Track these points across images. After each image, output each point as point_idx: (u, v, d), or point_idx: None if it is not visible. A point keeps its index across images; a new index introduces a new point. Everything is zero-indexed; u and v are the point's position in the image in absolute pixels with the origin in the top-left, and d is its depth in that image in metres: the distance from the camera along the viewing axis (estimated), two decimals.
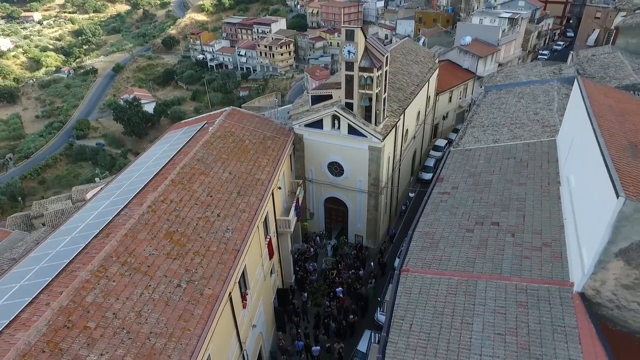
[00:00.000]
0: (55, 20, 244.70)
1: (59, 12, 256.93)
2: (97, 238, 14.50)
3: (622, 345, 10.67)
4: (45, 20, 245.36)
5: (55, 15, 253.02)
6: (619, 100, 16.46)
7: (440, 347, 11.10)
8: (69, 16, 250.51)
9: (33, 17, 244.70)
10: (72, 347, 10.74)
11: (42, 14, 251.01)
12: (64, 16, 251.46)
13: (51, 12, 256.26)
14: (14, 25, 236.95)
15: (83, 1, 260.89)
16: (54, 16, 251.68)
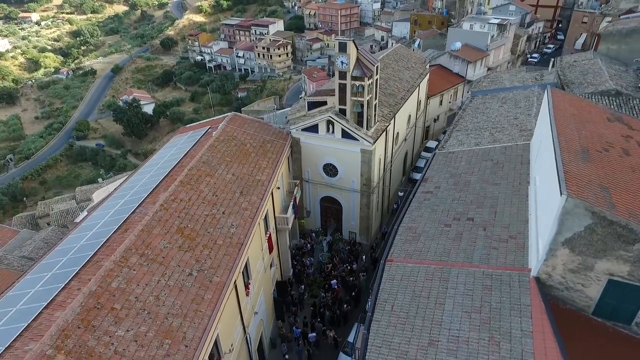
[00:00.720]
0: (53, 21, 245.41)
1: (57, 12, 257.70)
2: (117, 233, 16.39)
3: (568, 320, 12.65)
4: (43, 21, 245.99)
5: (53, 16, 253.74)
6: (582, 109, 18.42)
7: (417, 324, 13.05)
8: (66, 17, 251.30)
9: (31, 18, 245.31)
10: (102, 324, 12.65)
11: (40, 15, 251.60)
12: (62, 17, 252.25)
13: (49, 12, 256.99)
14: (12, 26, 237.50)
15: (81, 2, 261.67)
16: (52, 17, 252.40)
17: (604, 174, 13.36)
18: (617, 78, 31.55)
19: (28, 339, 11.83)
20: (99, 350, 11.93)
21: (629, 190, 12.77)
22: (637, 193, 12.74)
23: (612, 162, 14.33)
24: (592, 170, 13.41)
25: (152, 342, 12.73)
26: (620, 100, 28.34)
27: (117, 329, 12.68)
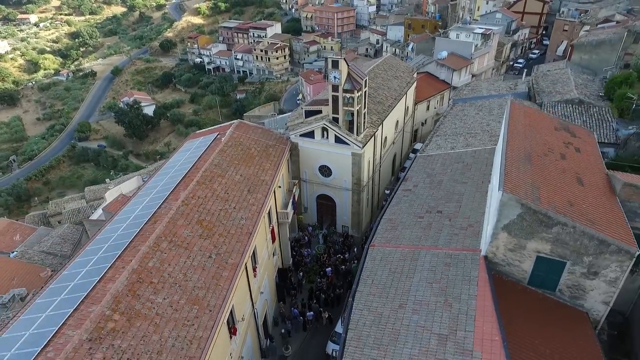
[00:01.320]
0: (51, 23, 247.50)
1: (55, 14, 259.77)
2: (148, 224, 19.96)
3: (509, 288, 16.34)
4: (41, 22, 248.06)
5: (51, 17, 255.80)
6: (534, 120, 22.11)
7: (390, 292, 16.70)
8: (65, 18, 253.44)
9: (29, 19, 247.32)
10: (144, 293, 16.24)
11: (39, 16, 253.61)
12: (60, 18, 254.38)
13: (47, 14, 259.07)
14: (11, 27, 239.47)
15: (79, 3, 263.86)
16: (50, 18, 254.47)
17: (538, 175, 17.05)
18: (582, 87, 35.28)
19: (90, 303, 15.42)
20: (144, 312, 15.53)
21: (554, 187, 16.48)
22: (560, 189, 16.45)
23: (548, 165, 18.04)
24: (530, 171, 17.09)
25: (184, 307, 16.35)
26: (582, 108, 32.09)
27: (156, 297, 16.29)
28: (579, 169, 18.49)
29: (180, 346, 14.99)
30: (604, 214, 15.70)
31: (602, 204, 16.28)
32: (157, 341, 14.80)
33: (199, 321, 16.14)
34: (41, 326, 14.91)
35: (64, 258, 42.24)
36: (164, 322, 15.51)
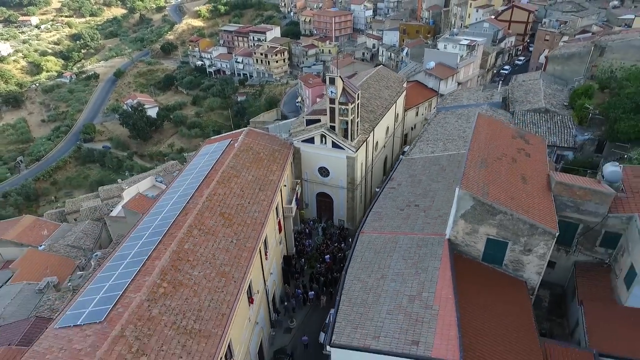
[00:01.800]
0: (52, 24, 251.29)
1: (56, 16, 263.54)
2: (180, 216, 24.72)
3: (466, 264, 21.14)
4: (42, 24, 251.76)
5: (52, 19, 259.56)
6: (495, 129, 26.93)
7: (374, 267, 21.50)
8: (66, 20, 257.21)
9: (31, 21, 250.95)
10: (184, 268, 21.03)
11: (40, 18, 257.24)
12: (61, 20, 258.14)
13: (48, 16, 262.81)
14: (12, 30, 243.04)
15: (79, 5, 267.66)
16: (51, 20, 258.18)
17: (490, 175, 21.89)
18: (550, 97, 40.20)
19: (143, 275, 20.20)
20: (185, 282, 20.33)
21: (502, 185, 21.33)
22: (506, 187, 21.30)
23: (500, 167, 22.88)
24: (484, 172, 21.92)
25: (214, 279, 21.16)
26: (547, 116, 37.02)
27: (193, 271, 21.10)
28: (526, 170, 23.35)
29: (214, 306, 19.81)
30: (537, 205, 20.56)
31: (538, 198, 21.15)
32: (197, 302, 19.62)
33: (226, 289, 20.96)
34: (108, 291, 19.72)
35: (87, 251, 47.01)
36: (200, 289, 20.33)
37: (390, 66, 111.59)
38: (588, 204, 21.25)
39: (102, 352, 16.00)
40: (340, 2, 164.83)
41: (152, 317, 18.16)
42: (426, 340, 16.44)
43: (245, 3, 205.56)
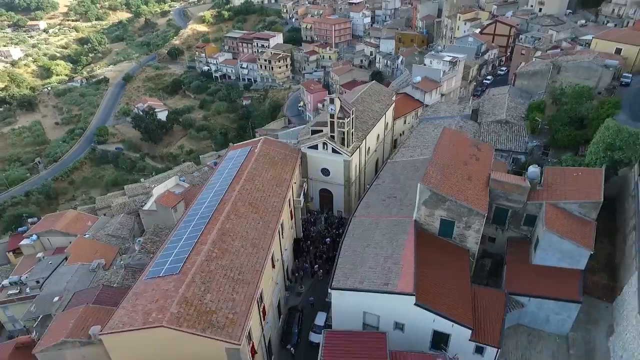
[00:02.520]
0: (60, 29, 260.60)
1: (63, 20, 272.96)
2: (219, 205, 33.75)
3: (427, 237, 30.15)
4: (50, 28, 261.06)
5: (59, 23, 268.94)
6: (455, 139, 35.89)
7: (361, 239, 30.57)
8: (72, 24, 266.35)
9: (39, 26, 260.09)
10: (227, 240, 30.09)
11: (47, 23, 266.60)
12: (68, 24, 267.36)
13: (55, 20, 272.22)
14: (21, 34, 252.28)
15: (85, 9, 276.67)
16: (59, 24, 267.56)
17: (445, 175, 30.89)
18: (512, 110, 49.17)
19: (200, 245, 29.25)
20: (229, 249, 29.40)
21: (452, 182, 30.33)
22: (455, 183, 30.28)
23: (455, 169, 31.87)
24: (441, 172, 30.92)
25: (249, 248, 30.23)
26: (507, 127, 46.02)
27: (234, 242, 30.17)
28: (473, 171, 32.36)
29: (250, 265, 28.89)
30: (475, 196, 29.56)
31: (477, 191, 30.14)
32: (238, 262, 28.70)
33: (257, 255, 30.03)
34: (176, 255, 28.79)
35: (124, 239, 56.01)
36: (240, 254, 29.41)
37: (387, 73, 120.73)
38: (513, 195, 30.27)
39: (182, 290, 25.07)
40: (340, 10, 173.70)
41: (210, 270, 27.24)
42: (393, 283, 25.48)
43: (248, 9, 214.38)
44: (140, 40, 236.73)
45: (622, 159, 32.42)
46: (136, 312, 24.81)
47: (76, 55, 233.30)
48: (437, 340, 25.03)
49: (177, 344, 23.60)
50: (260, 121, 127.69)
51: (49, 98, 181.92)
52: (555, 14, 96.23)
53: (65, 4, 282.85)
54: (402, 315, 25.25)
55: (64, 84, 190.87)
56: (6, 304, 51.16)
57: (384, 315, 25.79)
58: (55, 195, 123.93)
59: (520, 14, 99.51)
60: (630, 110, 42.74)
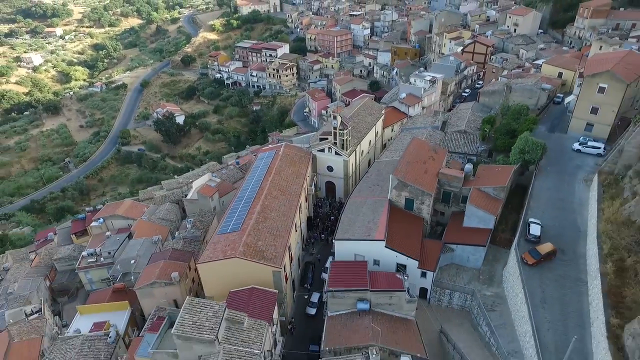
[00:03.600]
0: (75, 35, 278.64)
1: (78, 26, 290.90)
2: (259, 191, 50.97)
3: (397, 210, 47.30)
4: (66, 35, 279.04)
5: (74, 29, 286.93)
6: (420, 145, 52.91)
7: (354, 211, 47.77)
8: (87, 30, 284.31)
9: (55, 32, 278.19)
10: (267, 212, 47.34)
11: (63, 29, 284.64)
12: (83, 30, 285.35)
13: (70, 26, 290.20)
14: (39, 40, 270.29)
15: (99, 16, 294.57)
16: (74, 31, 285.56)
17: (410, 169, 47.98)
18: (471, 122, 66.15)
19: (249, 215, 46.51)
20: (269, 217, 46.64)
21: (413, 174, 47.43)
22: (415, 175, 47.38)
23: (416, 165, 48.99)
24: (406, 167, 48.00)
25: (282, 217, 47.50)
26: (465, 135, 63.01)
27: (271, 213, 47.42)
28: (428, 167, 49.35)
29: (282, 227, 46.10)
30: (428, 183, 46.53)
31: (429, 180, 47.12)
32: (275, 225, 45.94)
33: (286, 221, 47.23)
34: (236, 221, 46.02)
35: (172, 221, 72.86)
36: (275, 220, 46.59)
37: (383, 82, 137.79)
38: (453, 182, 47.26)
39: (244, 239, 42.26)
40: (342, 21, 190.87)
41: (259, 229, 44.42)
42: (372, 234, 42.53)
43: (255, 18, 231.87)
44: (153, 47, 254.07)
45: (530, 159, 49.39)
46: (216, 251, 42.00)
47: (92, 61, 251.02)
48: (399, 269, 41.98)
49: (243, 268, 40.66)
50: (270, 125, 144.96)
51: (72, 102, 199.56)
52: (528, 33, 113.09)
53: (79, 11, 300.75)
54: (378, 255, 42.26)
55: (85, 89, 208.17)
56: (86, 269, 68.12)
57: (367, 255, 42.78)
58: (87, 191, 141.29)
59: (498, 33, 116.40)
60: (551, 124, 59.62)
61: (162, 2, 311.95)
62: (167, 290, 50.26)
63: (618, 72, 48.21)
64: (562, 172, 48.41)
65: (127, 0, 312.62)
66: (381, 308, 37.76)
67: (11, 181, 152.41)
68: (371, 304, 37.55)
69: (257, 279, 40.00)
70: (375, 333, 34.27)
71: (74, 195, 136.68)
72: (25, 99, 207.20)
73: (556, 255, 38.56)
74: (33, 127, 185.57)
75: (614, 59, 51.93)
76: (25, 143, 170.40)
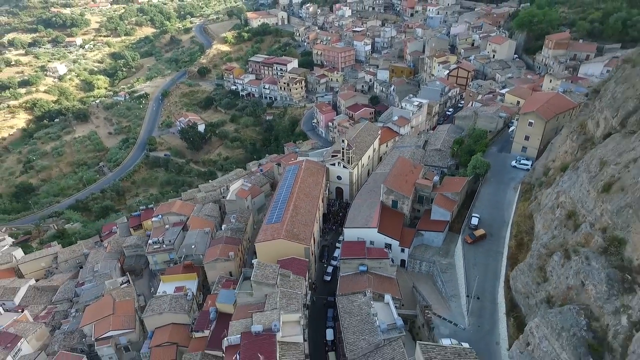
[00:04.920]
0: (94, 44, 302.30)
1: (95, 36, 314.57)
2: (290, 194, 74.45)
3: (385, 208, 70.69)
4: (86, 44, 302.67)
5: (92, 39, 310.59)
6: (404, 163, 76.16)
7: (357, 210, 71.16)
8: (104, 40, 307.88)
9: (76, 42, 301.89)
10: (298, 207, 70.81)
11: (82, 38, 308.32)
12: (100, 40, 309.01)
13: (89, 36, 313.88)
14: (61, 50, 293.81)
15: (115, 25, 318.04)
16: (92, 40, 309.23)
17: (396, 179, 71.31)
18: (446, 142, 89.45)
19: (286, 211, 69.98)
20: (299, 212, 70.08)
21: (397, 183, 70.78)
22: (399, 184, 70.71)
23: (400, 177, 72.37)
24: (393, 178, 71.29)
25: (308, 212, 70.98)
26: (440, 152, 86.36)
27: (300, 210, 70.87)
28: (409, 178, 72.62)
29: (309, 220, 69.56)
30: (407, 189, 69.77)
31: (408, 187, 70.37)
32: (304, 218, 69.40)
33: (310, 216, 70.67)
34: (277, 215, 69.54)
35: (215, 217, 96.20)
36: (304, 215, 70.03)
37: (382, 97, 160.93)
38: (425, 189, 70.51)
39: (285, 227, 65.84)
40: (345, 36, 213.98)
41: (293, 221, 67.92)
42: (369, 224, 65.90)
43: (265, 30, 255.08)
44: (168, 56, 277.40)
45: (479, 173, 72.52)
46: (267, 235, 65.49)
47: (111, 69, 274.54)
48: (386, 246, 65.11)
49: (284, 245, 63.99)
50: (282, 134, 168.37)
51: (99, 110, 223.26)
52: (505, 58, 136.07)
53: (96, 20, 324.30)
54: (373, 237, 65.48)
55: (110, 98, 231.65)
56: (153, 253, 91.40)
57: (365, 238, 65.92)
58: (122, 192, 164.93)
59: (480, 57, 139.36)
60: (501, 145, 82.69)
61: (174, 12, 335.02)
62: (226, 265, 73.86)
63: (540, 113, 71.30)
64: (500, 182, 71.60)
65: (141, 10, 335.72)
66: (374, 270, 60.99)
67: (53, 183, 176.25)
68: (368, 268, 60.78)
69: (294, 253, 63.39)
70: (370, 282, 57.52)
71: (112, 195, 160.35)
72: (55, 107, 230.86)
73: (486, 237, 61.83)
74: (65, 133, 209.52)
75: (541, 100, 75.05)
76: (61, 149, 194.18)
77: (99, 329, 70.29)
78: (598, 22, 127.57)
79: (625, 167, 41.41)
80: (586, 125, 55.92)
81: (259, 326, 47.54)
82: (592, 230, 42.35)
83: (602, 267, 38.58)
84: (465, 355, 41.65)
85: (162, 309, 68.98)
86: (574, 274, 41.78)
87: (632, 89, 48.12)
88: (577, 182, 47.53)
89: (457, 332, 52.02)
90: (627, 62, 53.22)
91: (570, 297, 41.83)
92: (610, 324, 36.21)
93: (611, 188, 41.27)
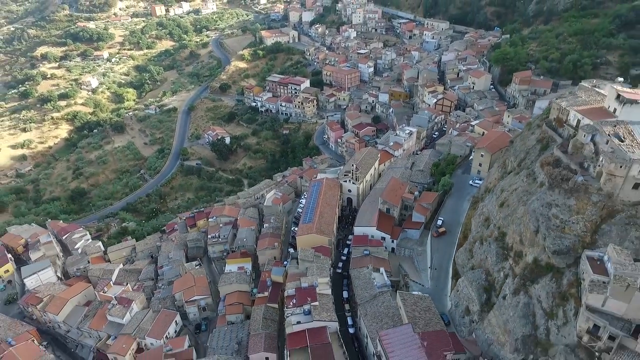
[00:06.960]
0: (120, 58, 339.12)
1: (120, 49, 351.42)
2: (317, 203, 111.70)
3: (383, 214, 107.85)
4: (112, 57, 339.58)
5: (117, 52, 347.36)
6: (395, 182, 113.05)
7: (362, 214, 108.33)
8: (129, 53, 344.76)
9: (103, 55, 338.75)
10: (322, 213, 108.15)
11: (109, 52, 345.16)
12: (125, 53, 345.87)
13: (114, 49, 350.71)
14: (90, 63, 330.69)
15: (137, 39, 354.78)
16: (117, 53, 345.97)
17: (388, 194, 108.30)
18: (427, 164, 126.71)
19: (315, 214, 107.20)
20: (323, 216, 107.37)
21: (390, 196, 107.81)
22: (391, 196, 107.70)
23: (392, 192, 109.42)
24: (388, 192, 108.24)
25: (329, 212, 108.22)
26: (423, 172, 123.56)
27: (324, 214, 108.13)
28: (398, 193, 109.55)
29: (330, 221, 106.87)
30: (396, 200, 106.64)
31: (397, 199, 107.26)
32: (327, 220, 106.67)
33: (331, 218, 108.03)
34: (307, 216, 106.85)
35: (255, 219, 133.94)
36: (327, 217, 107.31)
37: (383, 117, 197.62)
38: (408, 201, 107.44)
39: (314, 225, 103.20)
40: (351, 58, 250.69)
41: (320, 221, 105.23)
42: (371, 224, 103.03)
43: (278, 48, 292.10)
44: (189, 70, 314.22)
45: (446, 189, 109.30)
46: (303, 230, 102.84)
47: (137, 82, 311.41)
48: (382, 239, 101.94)
49: (315, 238, 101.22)
50: (298, 147, 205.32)
51: (133, 122, 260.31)
52: (482, 89, 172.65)
53: (120, 34, 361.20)
54: (373, 233, 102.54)
55: (142, 111, 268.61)
56: (212, 244, 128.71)
57: (369, 234, 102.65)
58: (164, 196, 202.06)
59: (462, 88, 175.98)
60: (465, 168, 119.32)
61: (191, 25, 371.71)
62: (272, 252, 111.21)
63: (487, 148, 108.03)
64: (460, 196, 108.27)
65: (160, 23, 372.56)
66: (374, 254, 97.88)
67: (102, 188, 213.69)
68: (370, 252, 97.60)
69: (321, 242, 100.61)
70: (371, 261, 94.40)
71: (156, 199, 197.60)
72: (92, 119, 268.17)
73: (446, 233, 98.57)
74: (105, 143, 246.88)
75: (491, 138, 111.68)
76: (105, 157, 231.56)
77: (187, 295, 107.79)
78: (556, 62, 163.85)
79: (511, 193, 78.29)
80: (505, 162, 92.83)
81: (305, 283, 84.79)
82: (494, 228, 79.14)
83: (495, 248, 75.57)
84: (424, 299, 79.01)
85: (232, 280, 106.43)
86: (483, 252, 78.76)
87: (523, 145, 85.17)
88: (491, 200, 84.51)
89: (423, 290, 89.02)
90: (527, 125, 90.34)
91: (480, 265, 78.75)
92: (495, 276, 73.22)
93: (503, 205, 78.03)
